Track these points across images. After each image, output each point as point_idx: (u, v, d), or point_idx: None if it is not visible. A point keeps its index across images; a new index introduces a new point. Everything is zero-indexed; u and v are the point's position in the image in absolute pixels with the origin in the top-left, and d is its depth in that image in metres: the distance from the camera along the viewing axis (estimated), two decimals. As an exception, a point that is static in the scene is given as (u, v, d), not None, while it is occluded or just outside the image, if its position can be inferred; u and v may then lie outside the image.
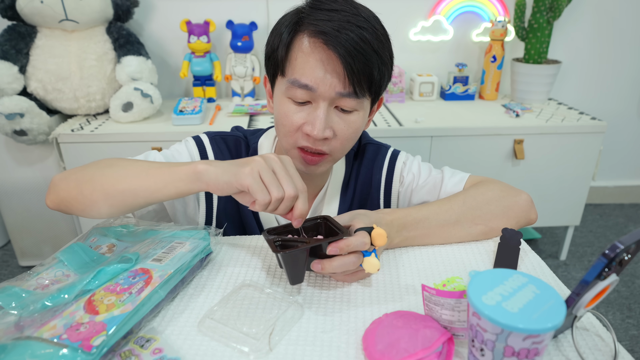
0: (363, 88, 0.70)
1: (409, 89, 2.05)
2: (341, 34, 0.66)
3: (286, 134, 0.74)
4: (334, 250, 0.59)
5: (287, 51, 0.70)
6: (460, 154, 1.69)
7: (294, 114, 0.71)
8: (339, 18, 0.67)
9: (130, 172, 0.66)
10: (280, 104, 0.73)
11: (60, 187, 0.70)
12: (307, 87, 0.69)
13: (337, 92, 0.69)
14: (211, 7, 1.87)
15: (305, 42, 0.69)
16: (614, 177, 2.41)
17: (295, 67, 0.69)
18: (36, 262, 1.81)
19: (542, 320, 0.41)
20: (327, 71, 0.67)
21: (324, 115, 0.69)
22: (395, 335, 0.51)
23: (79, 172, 0.70)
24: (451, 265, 0.70)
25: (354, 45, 0.66)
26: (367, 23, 0.68)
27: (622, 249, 0.45)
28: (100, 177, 0.67)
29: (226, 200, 0.85)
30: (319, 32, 0.67)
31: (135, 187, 0.65)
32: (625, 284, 1.83)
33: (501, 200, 0.76)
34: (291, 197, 0.59)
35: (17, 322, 0.50)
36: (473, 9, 1.97)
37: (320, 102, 0.70)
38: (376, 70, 0.69)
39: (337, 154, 0.76)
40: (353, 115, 0.73)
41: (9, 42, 1.54)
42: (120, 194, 0.66)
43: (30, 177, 1.69)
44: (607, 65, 2.15)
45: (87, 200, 0.67)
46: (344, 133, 0.73)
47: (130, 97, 1.58)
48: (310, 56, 0.68)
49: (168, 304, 0.60)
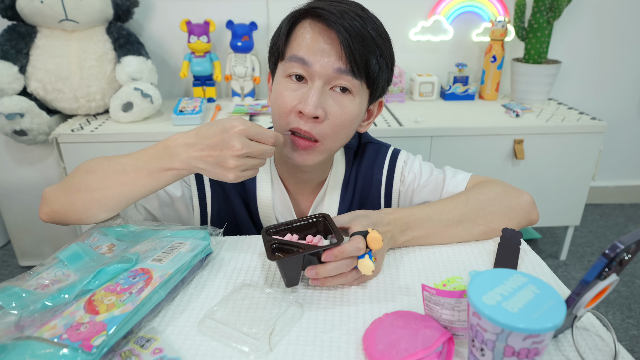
0: (360, 71, 0.70)
1: (409, 89, 2.05)
2: (343, 19, 0.67)
3: (280, 116, 0.74)
4: (329, 258, 0.60)
5: (288, 36, 0.72)
6: (460, 154, 1.69)
7: (289, 94, 0.72)
8: (344, 8, 0.68)
9: (112, 178, 0.68)
10: (278, 87, 0.74)
11: (52, 201, 0.72)
12: (303, 60, 0.69)
13: (335, 67, 0.69)
14: (211, 7, 1.87)
15: (306, 25, 0.70)
16: (614, 177, 2.41)
17: (293, 46, 0.71)
18: (36, 262, 1.80)
19: (542, 320, 0.41)
20: (325, 49, 0.68)
21: (317, 93, 0.70)
22: (395, 335, 0.51)
23: (66, 184, 0.72)
24: (451, 265, 0.70)
25: (354, 28, 0.67)
26: (371, 20, 0.70)
27: (622, 249, 0.45)
28: (87, 186, 0.69)
29: (220, 205, 0.85)
30: (320, 16, 0.68)
31: (123, 192, 0.68)
32: (625, 284, 1.83)
33: (503, 201, 0.76)
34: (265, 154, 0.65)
35: (17, 322, 0.50)
36: (473, 9, 1.97)
37: (316, 79, 0.70)
38: (374, 59, 0.70)
39: (328, 141, 0.74)
40: (348, 99, 0.72)
41: (9, 42, 1.54)
42: (111, 200, 0.69)
43: (30, 177, 1.69)
44: (607, 65, 2.15)
45: (80, 209, 0.70)
46: (336, 117, 0.72)
47: (130, 97, 1.58)
48: (311, 35, 0.69)
49: (168, 304, 0.60)
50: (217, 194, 0.85)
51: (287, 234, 0.66)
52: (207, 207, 0.85)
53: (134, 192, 0.68)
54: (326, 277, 0.61)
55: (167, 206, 0.83)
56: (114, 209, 0.71)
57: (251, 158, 0.64)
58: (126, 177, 0.67)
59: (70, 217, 0.71)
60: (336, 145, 0.76)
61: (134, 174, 0.67)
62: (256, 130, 0.64)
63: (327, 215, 0.67)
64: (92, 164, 0.71)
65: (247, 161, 0.63)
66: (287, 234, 0.66)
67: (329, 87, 0.71)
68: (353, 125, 0.75)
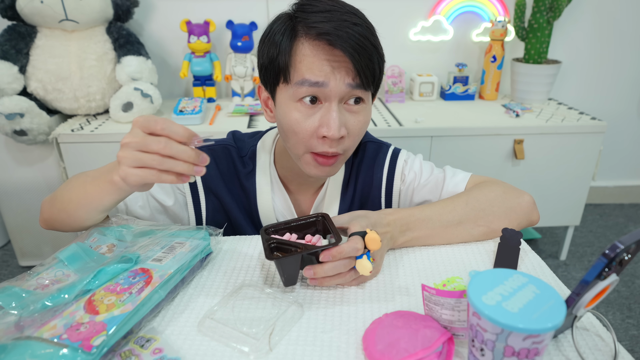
0: (369, 81, 0.70)
1: (409, 89, 2.05)
2: (342, 32, 0.66)
3: (299, 142, 0.72)
4: (327, 258, 0.60)
5: (289, 57, 0.69)
6: (460, 154, 1.69)
7: (305, 120, 0.70)
8: (335, 17, 0.67)
9: (75, 191, 0.70)
10: (288, 111, 0.71)
11: (44, 210, 0.77)
12: (317, 84, 0.68)
13: (347, 83, 0.68)
14: (211, 7, 1.87)
15: (308, 45, 0.68)
16: (614, 177, 2.41)
17: (301, 69, 0.68)
18: (36, 262, 1.80)
19: (542, 320, 0.41)
20: (335, 67, 0.67)
21: (337, 114, 0.69)
22: (395, 335, 0.51)
23: (54, 194, 0.75)
24: (451, 265, 0.70)
25: (357, 42, 0.66)
26: (359, 19, 0.69)
27: (622, 249, 0.45)
28: (60, 198, 0.73)
29: (214, 208, 0.85)
30: (321, 34, 0.67)
31: (81, 204, 0.69)
32: (625, 284, 1.83)
33: (504, 202, 0.76)
34: (165, 151, 0.53)
35: (17, 322, 0.50)
36: (473, 9, 1.96)
37: (333, 100, 0.69)
38: (376, 64, 0.70)
39: (349, 152, 0.77)
40: (361, 109, 0.73)
41: (9, 42, 1.54)
42: (75, 212, 0.70)
43: (30, 177, 1.69)
44: (607, 65, 2.15)
45: (58, 219, 0.73)
46: (356, 129, 0.73)
47: (130, 97, 1.58)
48: (316, 57, 0.68)
49: (168, 304, 0.60)
50: (212, 202, 0.85)
51: (285, 234, 0.66)
52: (202, 212, 0.85)
53: (90, 204, 0.67)
54: (324, 277, 0.61)
55: (160, 213, 0.83)
56: (82, 221, 0.71)
57: (146, 154, 0.54)
58: (83, 189, 0.68)
59: (56, 226, 0.76)
60: (352, 151, 0.79)
61: (88, 187, 0.67)
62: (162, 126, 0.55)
63: (326, 215, 0.67)
64: (73, 178, 0.74)
65: (136, 154, 0.54)
66: (285, 234, 0.66)
67: (343, 103, 0.71)
68: (366, 129, 0.78)
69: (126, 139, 0.56)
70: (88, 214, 0.69)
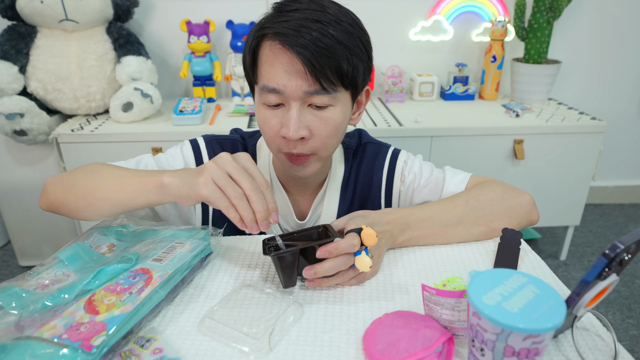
0: (332, 82, 0.68)
1: (409, 89, 2.05)
2: (299, 32, 0.65)
3: (269, 140, 0.75)
4: (323, 254, 0.60)
5: (254, 59, 0.71)
6: (460, 154, 1.69)
7: (270, 120, 0.72)
8: (298, 17, 0.66)
9: (106, 181, 0.69)
10: (259, 111, 0.74)
11: (50, 191, 0.74)
12: (275, 90, 0.68)
13: (304, 91, 0.68)
14: (211, 7, 1.87)
15: (267, 47, 0.68)
16: (614, 177, 2.41)
17: (262, 73, 0.70)
18: (36, 262, 1.80)
19: (542, 320, 0.41)
20: (290, 72, 0.67)
21: (296, 116, 0.69)
22: (395, 335, 0.51)
23: (65, 177, 0.73)
24: (451, 265, 0.70)
25: (313, 42, 0.65)
26: (332, 17, 0.66)
27: (622, 249, 0.45)
28: (82, 184, 0.70)
29: None
30: (276, 34, 0.66)
31: (110, 197, 0.68)
32: (625, 284, 1.83)
33: (503, 201, 0.76)
34: (250, 190, 0.57)
35: (17, 322, 0.50)
36: (473, 9, 1.96)
37: (292, 102, 0.69)
38: (345, 62, 0.67)
39: (322, 152, 0.75)
40: (328, 111, 0.71)
41: (9, 42, 1.54)
42: (97, 202, 0.69)
43: (30, 177, 1.69)
44: (607, 65, 2.15)
45: (72, 205, 0.71)
46: (322, 131, 0.72)
47: (130, 97, 1.58)
48: (272, 60, 0.68)
49: (168, 304, 0.60)
50: None
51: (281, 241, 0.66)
52: (209, 208, 0.85)
53: (119, 197, 0.67)
54: (324, 276, 0.61)
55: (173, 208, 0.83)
56: (98, 213, 0.70)
57: (232, 181, 0.58)
58: (119, 182, 0.67)
59: (62, 210, 0.74)
60: (330, 151, 0.77)
61: (127, 181, 0.67)
62: (249, 165, 0.60)
63: (327, 225, 0.67)
64: (96, 167, 0.72)
65: (225, 175, 0.58)
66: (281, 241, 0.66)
67: (306, 105, 0.70)
68: (341, 129, 0.75)
69: (228, 157, 0.59)
70: (113, 207, 0.68)
